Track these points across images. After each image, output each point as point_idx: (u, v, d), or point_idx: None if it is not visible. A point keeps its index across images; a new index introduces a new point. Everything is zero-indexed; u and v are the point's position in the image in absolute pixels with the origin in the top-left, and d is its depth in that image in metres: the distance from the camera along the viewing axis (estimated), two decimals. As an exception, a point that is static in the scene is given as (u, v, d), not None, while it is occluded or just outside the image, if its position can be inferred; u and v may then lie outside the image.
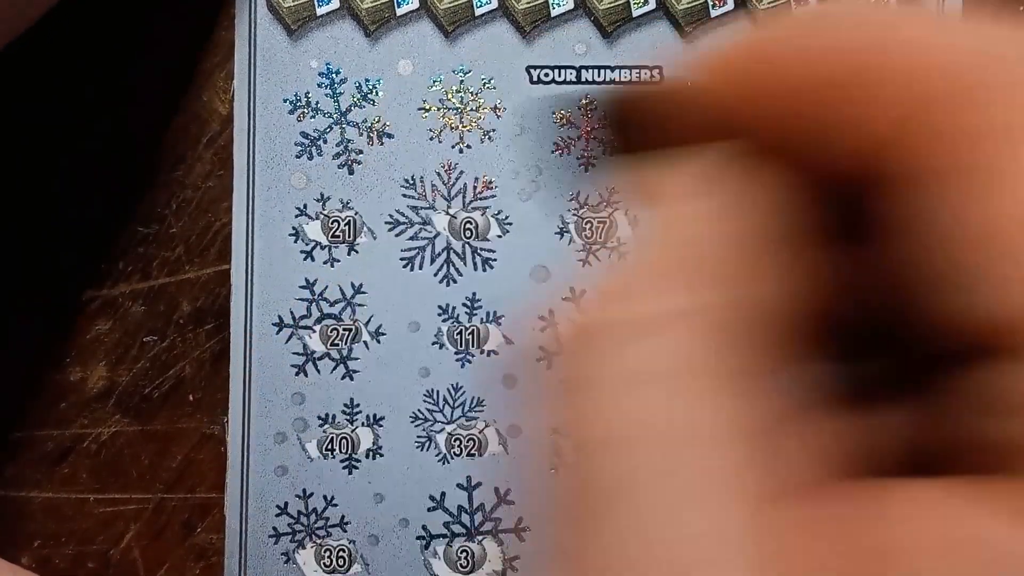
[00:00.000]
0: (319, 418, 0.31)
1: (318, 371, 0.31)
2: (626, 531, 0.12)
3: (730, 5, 0.31)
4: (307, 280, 0.31)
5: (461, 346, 0.31)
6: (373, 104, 0.31)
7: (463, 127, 0.31)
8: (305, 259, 0.31)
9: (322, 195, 0.31)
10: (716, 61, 0.14)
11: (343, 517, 0.31)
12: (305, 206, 0.31)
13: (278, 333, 0.31)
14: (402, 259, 0.31)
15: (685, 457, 0.12)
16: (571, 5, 0.31)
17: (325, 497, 0.31)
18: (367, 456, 0.31)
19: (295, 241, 0.31)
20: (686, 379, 0.12)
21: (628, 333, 0.12)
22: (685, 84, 0.14)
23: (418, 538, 0.31)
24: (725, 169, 0.14)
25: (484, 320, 0.31)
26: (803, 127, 0.13)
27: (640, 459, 0.12)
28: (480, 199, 0.31)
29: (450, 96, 0.31)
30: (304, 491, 0.31)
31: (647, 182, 0.14)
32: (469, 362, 0.31)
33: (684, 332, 0.12)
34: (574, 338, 0.13)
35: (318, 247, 0.31)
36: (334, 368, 0.31)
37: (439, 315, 0.31)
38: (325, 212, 0.31)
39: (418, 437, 0.31)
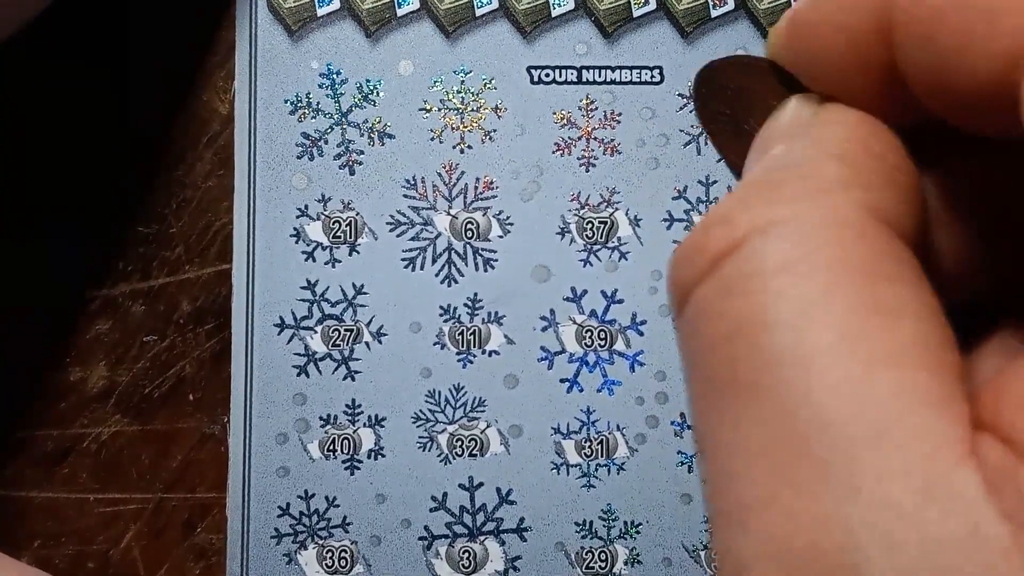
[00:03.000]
0: (321, 419, 0.31)
1: (319, 372, 0.31)
2: (791, 405, 0.11)
3: (730, 5, 0.31)
4: (308, 281, 0.31)
5: (463, 346, 0.31)
6: (374, 104, 0.31)
7: (464, 127, 0.31)
8: (306, 260, 0.31)
9: (323, 196, 0.31)
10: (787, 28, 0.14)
11: (345, 518, 0.31)
12: (306, 207, 0.31)
13: (279, 334, 0.31)
14: (403, 259, 0.31)
15: (868, 327, 0.11)
16: (572, 5, 0.31)
17: (327, 498, 0.31)
18: (369, 457, 0.31)
19: (296, 242, 0.31)
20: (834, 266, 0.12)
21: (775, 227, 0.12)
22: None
23: (420, 539, 0.31)
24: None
25: (485, 320, 0.31)
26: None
27: (801, 336, 0.12)
28: (481, 199, 0.31)
29: (451, 96, 0.31)
30: (306, 492, 0.31)
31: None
32: (471, 362, 0.31)
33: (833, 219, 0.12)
34: (727, 223, 0.13)
35: (319, 248, 0.31)
36: (335, 369, 0.31)
37: (440, 315, 0.31)
38: (326, 213, 0.31)
39: (420, 437, 0.31)
